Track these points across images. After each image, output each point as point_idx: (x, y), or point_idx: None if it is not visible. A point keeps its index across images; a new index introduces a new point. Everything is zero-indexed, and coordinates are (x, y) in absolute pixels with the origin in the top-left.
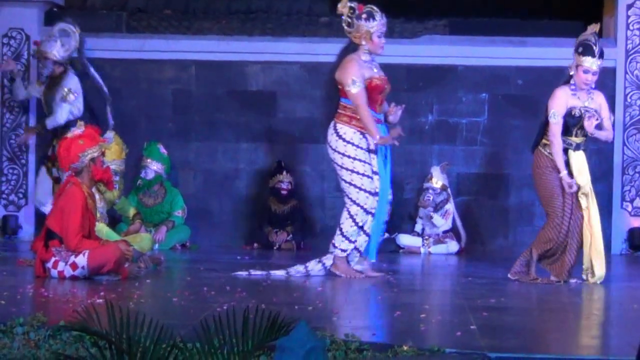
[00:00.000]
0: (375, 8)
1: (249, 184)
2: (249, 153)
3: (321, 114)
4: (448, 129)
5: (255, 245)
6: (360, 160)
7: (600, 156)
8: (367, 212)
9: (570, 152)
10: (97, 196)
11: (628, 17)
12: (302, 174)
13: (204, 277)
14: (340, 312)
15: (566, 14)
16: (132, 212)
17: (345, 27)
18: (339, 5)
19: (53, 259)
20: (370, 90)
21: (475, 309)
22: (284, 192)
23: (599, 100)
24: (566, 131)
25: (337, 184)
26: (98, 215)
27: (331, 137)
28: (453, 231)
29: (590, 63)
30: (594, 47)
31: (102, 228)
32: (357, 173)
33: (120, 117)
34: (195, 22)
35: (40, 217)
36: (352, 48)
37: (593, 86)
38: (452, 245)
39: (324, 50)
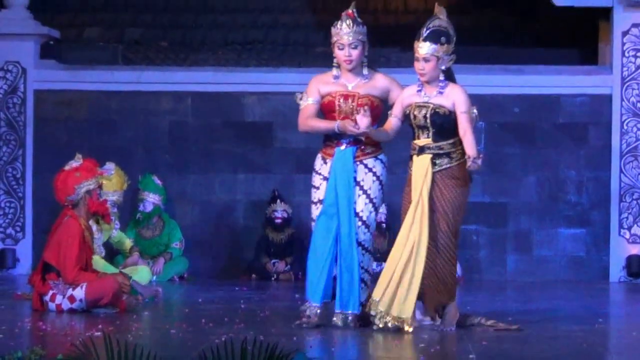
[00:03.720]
0: (346, 15)
1: (246, 215)
2: (245, 184)
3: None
4: None
5: (253, 276)
6: (313, 186)
7: (598, 183)
8: None
9: (414, 157)
10: (94, 228)
11: (623, 44)
12: (299, 204)
13: (202, 308)
14: (338, 343)
15: (562, 41)
16: (128, 244)
17: None
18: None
19: (51, 292)
20: (321, 109)
21: (474, 338)
22: (278, 220)
23: (452, 96)
24: (412, 135)
25: None
26: (95, 247)
27: None
28: None
29: (416, 48)
30: (423, 30)
31: (98, 261)
32: (311, 201)
33: (116, 149)
34: (191, 53)
35: (37, 251)
36: None
37: (442, 78)
38: None
39: None
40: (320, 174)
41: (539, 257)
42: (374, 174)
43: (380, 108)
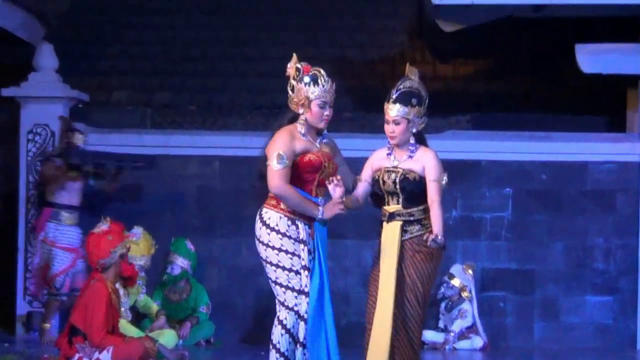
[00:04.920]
0: (322, 72)
1: None
2: None
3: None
4: (472, 224)
5: None
6: (286, 252)
7: (625, 251)
8: (298, 316)
9: (384, 224)
10: (121, 292)
11: None
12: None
13: None
14: None
15: (590, 109)
16: (155, 309)
17: (289, 92)
18: (288, 66)
19: (77, 356)
20: (302, 166)
21: None
22: None
23: (423, 160)
24: (383, 200)
25: (361, 278)
26: (122, 311)
27: (256, 225)
28: (476, 326)
29: (386, 110)
30: (392, 91)
31: (124, 324)
32: (283, 268)
33: (144, 212)
34: (219, 117)
35: (64, 313)
36: (291, 118)
37: (412, 141)
38: (477, 341)
39: (347, 146)
40: (291, 237)
41: (566, 324)
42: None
43: None
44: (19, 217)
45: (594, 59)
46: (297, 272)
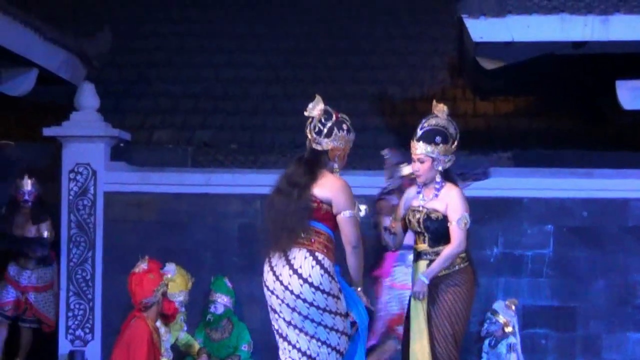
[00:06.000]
0: (347, 119)
1: None
2: None
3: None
4: (513, 261)
5: None
6: (341, 300)
7: None
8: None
9: (413, 264)
10: (162, 330)
11: None
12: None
13: None
14: None
15: (631, 145)
16: (196, 347)
17: (313, 135)
18: (312, 107)
19: None
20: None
21: None
22: None
23: (446, 199)
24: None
25: None
26: (163, 349)
27: (312, 271)
28: None
29: (412, 148)
30: (417, 129)
31: None
32: (341, 315)
33: (186, 251)
34: (260, 156)
35: (106, 352)
36: (323, 162)
37: (438, 179)
38: None
39: None
40: (338, 284)
41: None
42: None
43: None
44: (61, 257)
45: (635, 95)
46: (347, 317)
